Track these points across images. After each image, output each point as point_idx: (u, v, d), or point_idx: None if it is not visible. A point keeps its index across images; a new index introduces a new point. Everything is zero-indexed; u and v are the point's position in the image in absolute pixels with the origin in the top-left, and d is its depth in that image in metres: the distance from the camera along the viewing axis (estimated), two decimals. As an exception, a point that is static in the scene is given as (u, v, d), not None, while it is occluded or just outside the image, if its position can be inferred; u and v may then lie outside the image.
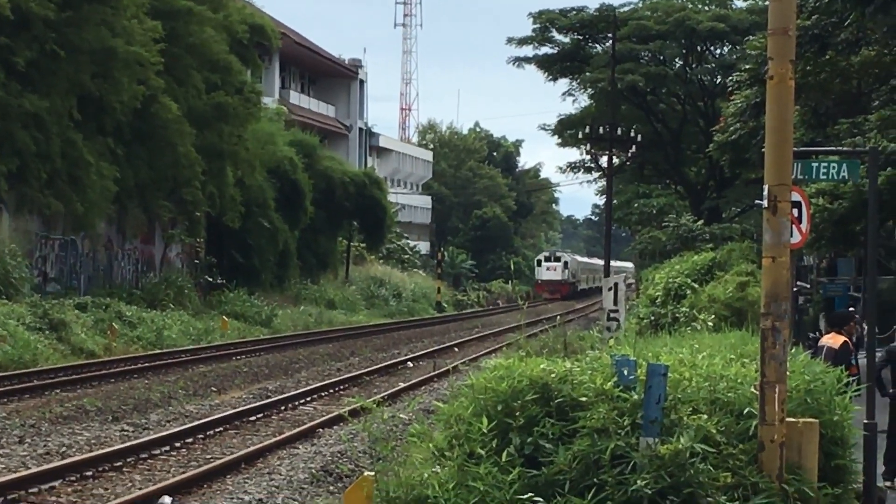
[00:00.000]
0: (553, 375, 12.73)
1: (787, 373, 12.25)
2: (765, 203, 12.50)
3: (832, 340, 20.85)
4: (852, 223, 44.40)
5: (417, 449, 13.38)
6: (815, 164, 20.04)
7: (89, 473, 19.70)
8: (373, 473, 13.00)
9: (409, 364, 41.44)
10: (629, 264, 66.38)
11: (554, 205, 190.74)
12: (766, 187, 12.45)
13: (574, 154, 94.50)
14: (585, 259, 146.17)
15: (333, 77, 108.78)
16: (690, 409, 12.20)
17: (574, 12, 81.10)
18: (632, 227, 78.25)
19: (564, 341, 23.63)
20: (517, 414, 12.41)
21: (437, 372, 37.41)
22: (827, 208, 45.08)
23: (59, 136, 45.44)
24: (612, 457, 11.76)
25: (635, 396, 12.12)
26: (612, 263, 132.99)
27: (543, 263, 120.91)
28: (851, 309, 21.05)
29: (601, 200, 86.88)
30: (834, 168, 21.01)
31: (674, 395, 12.25)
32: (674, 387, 12.32)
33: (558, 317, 33.72)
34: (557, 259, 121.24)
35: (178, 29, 51.50)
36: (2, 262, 41.38)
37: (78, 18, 44.51)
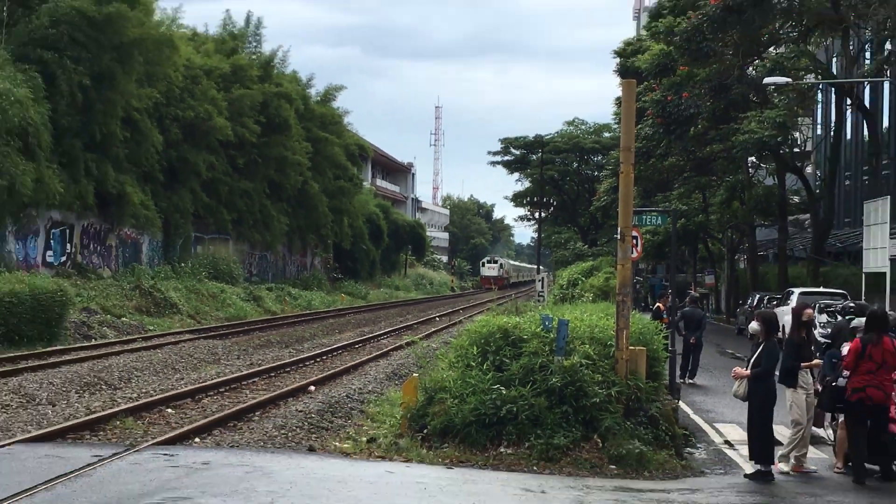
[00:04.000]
0: (509, 324, 12.72)
1: (630, 323, 12.23)
2: (619, 236, 12.48)
3: (660, 307, 21.05)
4: (664, 247, 44.41)
5: (441, 362, 13.37)
6: (644, 217, 19.97)
7: (272, 374, 19.77)
8: (417, 375, 13.00)
9: (437, 319, 41.34)
10: (542, 268, 64.06)
11: (511, 237, 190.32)
12: (619, 228, 12.43)
13: (521, 211, 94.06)
14: (516, 262, 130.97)
15: (398, 171, 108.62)
16: (580, 342, 12.19)
17: (521, 138, 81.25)
18: (551, 249, 77.98)
19: (516, 307, 23.59)
20: (491, 344, 12.40)
21: (451, 323, 37.34)
22: (651, 239, 45.09)
23: (258, 201, 45.55)
24: (540, 367, 11.75)
25: (552, 335, 12.11)
26: (524, 265, 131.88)
27: (486, 265, 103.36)
28: (668, 290, 21.17)
29: (535, 234, 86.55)
30: (654, 219, 20.98)
31: (571, 335, 12.23)
32: (571, 330, 12.30)
33: (512, 295, 33.71)
34: (495, 262, 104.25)
35: (319, 147, 51.50)
36: (228, 266, 41.51)
37: (268, 141, 44.60)
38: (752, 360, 11.25)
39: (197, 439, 12.36)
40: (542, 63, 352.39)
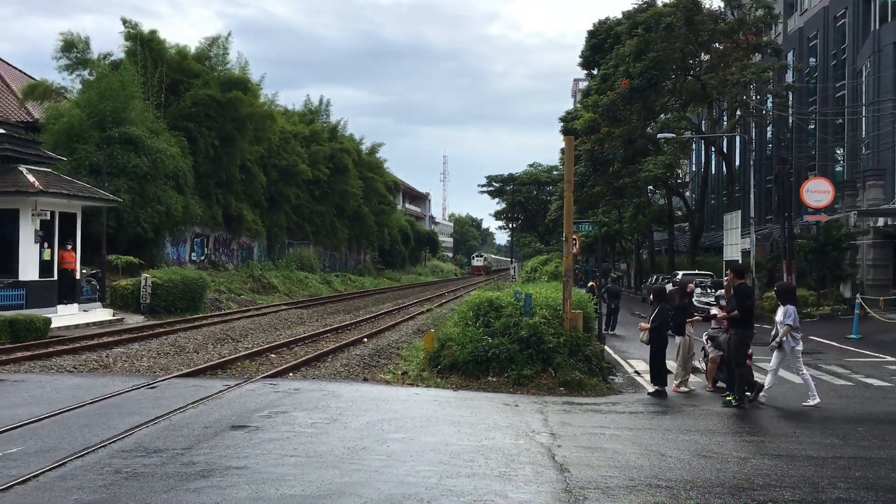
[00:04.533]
0: (493, 297, 12.69)
1: (571, 295, 12.20)
2: (564, 239, 12.44)
3: (591, 284, 20.91)
4: (594, 246, 44.02)
5: (449, 322, 13.35)
6: (580, 225, 19.91)
7: (339, 331, 19.59)
8: (433, 330, 12.99)
9: (447, 294, 41.16)
10: (514, 260, 62.73)
11: (494, 240, 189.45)
12: (564, 233, 12.38)
13: (500, 223, 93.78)
14: (496, 256, 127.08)
15: (419, 198, 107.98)
16: (539, 307, 12.16)
17: (500, 175, 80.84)
18: (520, 247, 77.66)
19: (497, 286, 23.54)
20: (481, 309, 12.37)
21: (455, 297, 37.19)
22: (585, 241, 44.77)
23: (329, 221, 45.41)
24: (513, 324, 11.71)
25: (521, 303, 12.08)
26: (502, 258, 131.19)
27: (475, 258, 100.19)
28: (596, 273, 21.07)
29: (509, 238, 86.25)
30: (587, 227, 20.91)
31: (534, 303, 12.20)
32: (534, 300, 12.28)
33: (495, 278, 33.56)
34: (482, 256, 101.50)
35: (368, 183, 51.27)
36: (310, 261, 41.29)
37: (335, 180, 44.52)
38: (651, 318, 11.25)
39: (291, 374, 12.36)
40: (513, 126, 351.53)
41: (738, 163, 41.29)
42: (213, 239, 33.43)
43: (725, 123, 35.77)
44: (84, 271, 20.61)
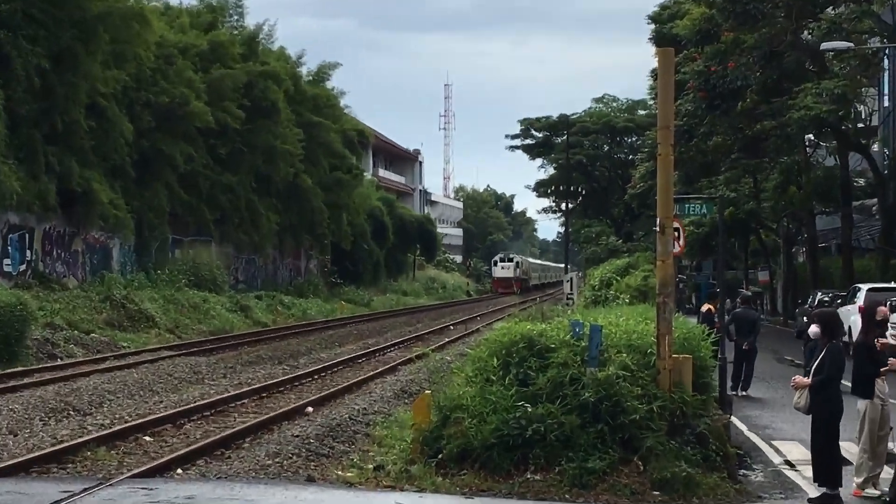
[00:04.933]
0: (534, 332, 12.71)
1: (672, 328, 12.21)
2: (657, 228, 12.46)
3: (705, 308, 21.10)
4: (710, 240, 44.33)
5: (456, 377, 13.37)
6: (686, 205, 19.94)
7: (264, 394, 19.77)
8: (430, 392, 13.00)
9: (451, 327, 41.34)
10: (571, 267, 61.54)
11: (534, 232, 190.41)
12: (658, 219, 12.41)
13: (545, 202, 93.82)
14: (537, 261, 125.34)
15: (404, 159, 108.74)
16: (616, 350, 12.17)
17: (544, 118, 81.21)
18: (580, 245, 77.90)
19: (542, 313, 23.60)
20: (514, 355, 12.38)
21: (467, 332, 37.31)
22: (695, 232, 44.96)
23: (244, 197, 45.66)
24: (570, 380, 11.72)
25: (583, 343, 12.09)
26: (548, 264, 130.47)
27: (498, 264, 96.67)
28: (716, 289, 21.35)
29: (562, 229, 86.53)
30: (698, 208, 20.95)
31: (606, 343, 12.21)
32: (606, 337, 12.28)
33: (537, 299, 33.83)
34: (510, 260, 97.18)
35: (312, 133, 51.57)
36: (211, 272, 41.63)
37: (254, 128, 44.68)
38: (813, 367, 11.21)
39: (179, 470, 12.36)
40: (566, 32, 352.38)
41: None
42: (42, 234, 33.51)
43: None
44: None
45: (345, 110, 60.84)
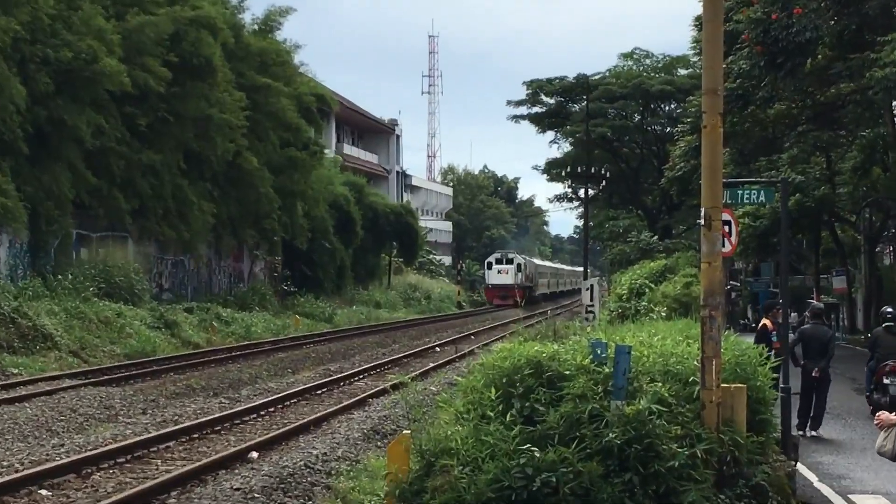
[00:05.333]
0: (544, 355, 12.72)
1: (721, 349, 12.22)
2: (702, 222, 12.48)
3: (763, 324, 21.08)
4: (770, 236, 44.52)
5: (443, 413, 13.36)
6: (739, 192, 20.01)
7: (196, 435, 19.83)
8: (409, 432, 12.99)
9: (437, 349, 41.43)
10: (593, 270, 60.77)
11: (545, 226, 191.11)
12: (703, 210, 12.43)
13: (559, 188, 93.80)
14: (546, 263, 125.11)
15: (376, 133, 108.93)
16: (649, 378, 12.18)
17: (557, 80, 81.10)
18: (603, 243, 78.08)
19: (554, 329, 23.59)
20: (517, 385, 12.38)
21: (457, 354, 37.42)
22: (751, 225, 45.11)
23: (170, 181, 45.70)
24: (590, 416, 11.71)
25: (607, 369, 12.10)
26: (562, 267, 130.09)
27: (494, 266, 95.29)
28: (777, 300, 21.35)
29: (581, 222, 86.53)
30: (754, 194, 20.99)
31: (636, 368, 12.22)
32: (636, 362, 12.30)
33: (548, 311, 33.92)
34: (510, 261, 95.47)
35: (258, 99, 51.65)
36: (128, 277, 41.62)
37: (183, 92, 44.70)
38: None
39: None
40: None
41: None
42: None
43: None
44: None
45: (300, 69, 60.86)
